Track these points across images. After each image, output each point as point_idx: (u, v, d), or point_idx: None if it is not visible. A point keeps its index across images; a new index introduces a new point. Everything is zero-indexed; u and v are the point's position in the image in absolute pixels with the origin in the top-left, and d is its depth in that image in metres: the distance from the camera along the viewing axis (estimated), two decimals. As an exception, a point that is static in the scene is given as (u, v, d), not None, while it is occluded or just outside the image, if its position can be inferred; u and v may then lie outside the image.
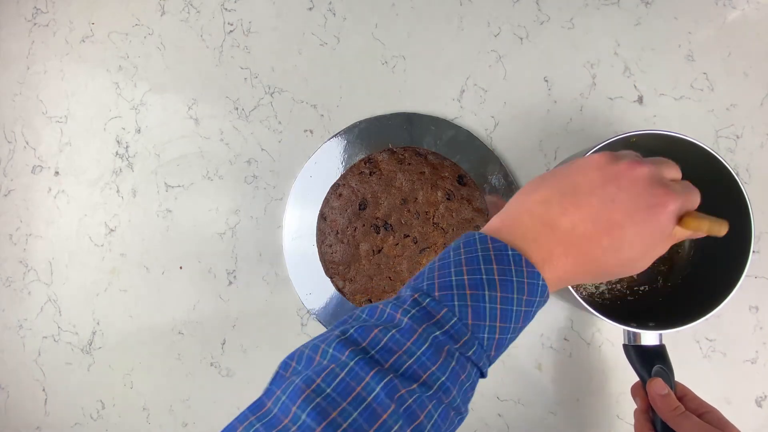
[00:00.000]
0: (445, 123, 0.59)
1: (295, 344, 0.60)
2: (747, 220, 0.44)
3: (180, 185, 0.62)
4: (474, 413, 0.57)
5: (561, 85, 0.59)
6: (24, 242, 0.64)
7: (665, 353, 0.46)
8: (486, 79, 0.60)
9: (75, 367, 0.62)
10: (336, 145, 0.60)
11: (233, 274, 0.61)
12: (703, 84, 0.58)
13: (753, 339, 0.55)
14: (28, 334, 0.63)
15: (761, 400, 0.55)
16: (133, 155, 0.63)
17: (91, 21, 0.65)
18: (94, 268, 0.62)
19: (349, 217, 0.58)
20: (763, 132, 0.57)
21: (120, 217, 0.63)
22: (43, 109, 0.65)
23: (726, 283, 0.44)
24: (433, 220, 0.57)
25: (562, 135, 0.58)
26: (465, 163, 0.58)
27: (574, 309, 0.57)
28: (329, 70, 0.61)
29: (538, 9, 0.60)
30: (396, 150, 0.59)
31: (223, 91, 0.62)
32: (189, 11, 0.63)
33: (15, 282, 0.64)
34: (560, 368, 0.56)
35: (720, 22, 0.58)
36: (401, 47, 0.61)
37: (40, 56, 0.65)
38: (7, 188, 0.65)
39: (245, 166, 0.61)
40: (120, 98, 0.64)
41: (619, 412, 0.55)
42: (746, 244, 0.44)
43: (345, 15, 0.62)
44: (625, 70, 0.58)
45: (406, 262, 0.57)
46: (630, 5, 0.59)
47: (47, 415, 0.62)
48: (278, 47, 0.62)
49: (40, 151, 0.64)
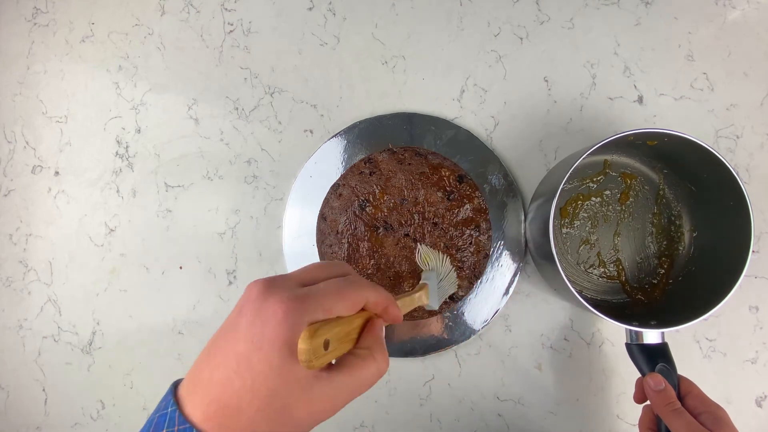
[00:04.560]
0: (445, 123, 0.59)
1: (295, 344, 0.59)
2: (747, 220, 0.45)
3: (180, 185, 0.62)
4: (474, 413, 0.57)
5: (561, 85, 0.59)
6: (24, 242, 0.64)
7: (668, 351, 0.46)
8: (486, 79, 0.60)
9: (75, 367, 0.62)
10: (336, 145, 0.60)
11: (233, 274, 0.61)
12: (703, 84, 0.58)
13: (753, 339, 0.55)
14: (28, 334, 0.63)
15: (761, 400, 0.55)
16: (133, 155, 0.63)
17: (91, 21, 0.65)
18: (94, 268, 0.62)
19: (349, 217, 0.58)
20: (763, 132, 0.57)
21: (120, 217, 0.63)
22: (43, 109, 0.65)
23: (726, 280, 0.44)
24: (433, 220, 0.57)
25: (562, 135, 0.58)
26: (465, 163, 0.58)
27: (574, 309, 0.57)
28: (329, 70, 0.61)
29: (538, 9, 0.60)
30: (396, 150, 0.59)
31: (223, 91, 0.62)
32: (189, 11, 0.63)
33: (15, 282, 0.64)
34: (560, 368, 0.56)
35: (720, 22, 0.58)
36: (401, 47, 0.61)
37: (40, 56, 0.65)
38: (7, 188, 0.65)
39: (245, 166, 0.61)
40: (120, 98, 0.64)
41: (619, 412, 0.55)
42: (746, 244, 0.44)
43: (345, 15, 0.62)
44: (625, 70, 0.58)
45: (406, 262, 0.57)
46: (630, 5, 0.59)
47: (47, 415, 0.62)
48: (278, 47, 0.62)
49: (40, 151, 0.64)
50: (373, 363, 0.30)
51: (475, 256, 0.57)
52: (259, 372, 0.26)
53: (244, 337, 0.27)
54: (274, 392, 0.26)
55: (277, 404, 0.27)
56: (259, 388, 0.26)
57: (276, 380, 0.26)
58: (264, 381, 0.26)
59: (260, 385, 0.26)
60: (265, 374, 0.26)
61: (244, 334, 0.27)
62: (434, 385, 0.57)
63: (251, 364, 0.26)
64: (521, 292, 0.57)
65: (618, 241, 0.55)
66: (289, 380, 0.27)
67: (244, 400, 0.26)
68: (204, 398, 0.27)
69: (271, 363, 0.26)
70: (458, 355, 0.57)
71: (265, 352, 0.26)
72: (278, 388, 0.27)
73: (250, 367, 0.26)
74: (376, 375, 0.30)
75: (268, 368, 0.26)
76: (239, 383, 0.26)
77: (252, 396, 0.26)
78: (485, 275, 0.56)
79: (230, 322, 0.28)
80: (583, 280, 0.55)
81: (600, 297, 0.55)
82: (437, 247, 0.57)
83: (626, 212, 0.55)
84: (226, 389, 0.27)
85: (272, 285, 0.28)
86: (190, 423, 0.26)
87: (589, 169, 0.56)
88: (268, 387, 0.26)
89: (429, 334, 0.56)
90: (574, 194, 0.56)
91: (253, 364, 0.26)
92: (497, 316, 0.56)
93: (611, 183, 0.55)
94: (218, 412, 0.27)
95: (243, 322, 0.27)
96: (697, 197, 0.52)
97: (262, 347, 0.26)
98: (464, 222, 0.57)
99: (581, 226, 0.56)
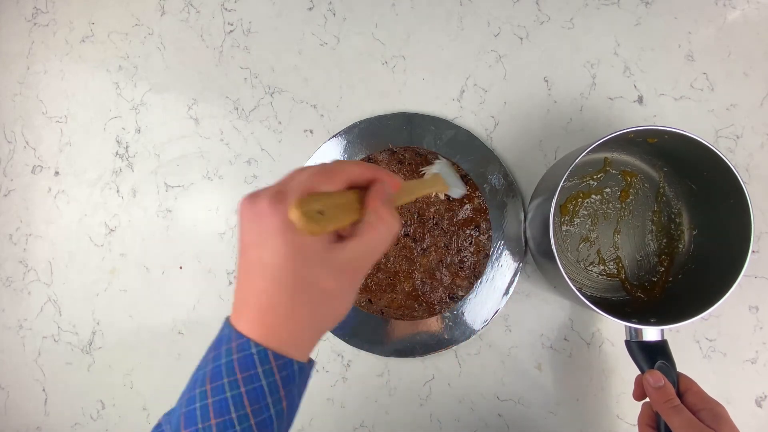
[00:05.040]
0: (445, 123, 0.59)
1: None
2: (747, 219, 0.45)
3: (180, 185, 0.62)
4: (474, 413, 0.57)
5: (561, 85, 0.59)
6: (24, 242, 0.64)
7: (667, 348, 0.46)
8: (486, 79, 0.60)
9: (75, 367, 0.62)
10: (336, 145, 0.60)
11: (233, 274, 0.61)
12: (703, 84, 0.58)
13: (753, 339, 0.55)
14: (28, 334, 0.63)
15: (761, 400, 0.55)
16: (133, 155, 0.63)
17: (91, 21, 0.65)
18: (94, 268, 0.62)
19: (349, 217, 0.58)
20: (763, 132, 0.57)
21: (120, 217, 0.63)
22: (43, 109, 0.65)
23: (726, 278, 0.44)
24: (433, 220, 0.57)
25: (562, 135, 0.58)
26: (465, 163, 0.58)
27: (574, 309, 0.57)
28: (329, 70, 0.61)
29: (538, 9, 0.60)
30: (396, 150, 0.59)
31: (223, 91, 0.62)
32: (189, 11, 0.63)
33: (15, 282, 0.64)
34: (560, 368, 0.56)
35: (720, 22, 0.58)
36: (401, 47, 0.61)
37: (40, 56, 0.65)
38: (7, 188, 0.65)
39: (245, 166, 0.61)
40: (120, 98, 0.64)
41: (619, 412, 0.55)
42: (746, 243, 0.44)
43: (345, 15, 0.62)
44: (625, 70, 0.58)
45: (406, 262, 0.57)
46: (630, 5, 0.59)
47: (47, 415, 0.62)
48: (278, 47, 0.62)
49: (40, 151, 0.64)
50: (381, 223, 0.30)
51: (475, 256, 0.57)
52: (272, 264, 0.28)
53: (249, 245, 0.29)
54: (294, 274, 0.28)
55: (302, 284, 0.28)
56: (279, 278, 0.28)
57: (291, 262, 0.28)
58: (281, 269, 0.28)
59: (279, 275, 0.28)
60: (278, 263, 0.28)
61: (247, 242, 0.29)
62: (434, 385, 0.57)
63: (263, 262, 0.28)
64: (521, 291, 0.57)
65: (618, 238, 0.55)
66: (304, 257, 0.28)
67: (273, 295, 0.28)
68: (246, 313, 0.29)
69: (279, 251, 0.28)
70: (458, 355, 0.57)
71: (269, 245, 0.28)
72: (296, 268, 0.28)
73: (263, 266, 0.28)
74: (386, 234, 0.31)
75: (278, 257, 0.28)
76: (262, 284, 0.28)
77: (277, 288, 0.28)
78: (485, 275, 0.56)
79: (239, 244, 0.30)
80: (583, 278, 0.55)
81: (600, 295, 0.55)
82: (437, 246, 0.57)
83: (626, 210, 0.55)
84: (257, 294, 0.29)
85: (255, 194, 0.29)
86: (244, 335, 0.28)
87: (590, 166, 0.56)
88: (287, 272, 0.28)
89: (429, 334, 0.56)
90: (574, 192, 0.56)
91: (265, 260, 0.28)
92: (497, 316, 0.56)
93: (611, 181, 0.55)
94: (259, 319, 0.29)
95: (242, 234, 0.29)
96: (697, 195, 0.52)
97: (265, 243, 0.28)
98: (464, 222, 0.57)
99: (581, 223, 0.56)
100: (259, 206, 0.28)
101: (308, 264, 0.28)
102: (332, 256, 0.29)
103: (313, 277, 0.28)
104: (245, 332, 0.29)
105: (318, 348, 0.58)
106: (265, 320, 0.29)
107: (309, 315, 0.29)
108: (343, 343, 0.58)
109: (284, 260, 0.28)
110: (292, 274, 0.28)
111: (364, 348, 0.57)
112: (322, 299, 0.29)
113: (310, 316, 0.29)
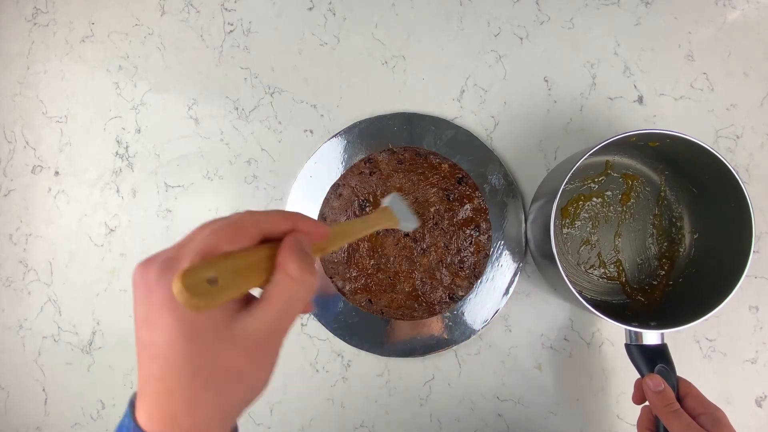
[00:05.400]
0: (445, 123, 0.59)
1: (295, 344, 0.60)
2: (747, 220, 0.45)
3: (180, 185, 0.62)
4: (474, 413, 0.57)
5: (561, 85, 0.59)
6: (24, 242, 0.64)
7: (667, 352, 0.46)
8: (486, 79, 0.60)
9: (75, 367, 0.62)
10: (336, 145, 0.60)
11: (233, 274, 0.61)
12: (703, 84, 0.58)
13: (753, 339, 0.55)
14: (28, 334, 0.63)
15: (761, 400, 0.55)
16: (133, 155, 0.63)
17: (91, 21, 0.65)
18: (94, 268, 0.62)
19: (349, 217, 0.58)
20: (763, 132, 0.57)
21: (120, 217, 0.63)
22: (43, 109, 0.65)
23: (726, 282, 0.44)
24: (433, 220, 0.57)
25: (562, 135, 0.58)
26: (465, 163, 0.58)
27: (574, 309, 0.57)
28: (329, 70, 0.61)
29: (538, 9, 0.60)
30: (396, 150, 0.59)
31: (223, 91, 0.62)
32: (189, 11, 0.63)
33: (15, 282, 0.64)
34: (560, 368, 0.56)
35: (720, 22, 0.58)
36: (401, 47, 0.61)
37: (40, 56, 0.65)
38: (7, 188, 0.65)
39: (245, 166, 0.61)
40: (120, 98, 0.64)
41: (619, 412, 0.55)
42: (746, 244, 0.44)
43: (345, 15, 0.62)
44: (625, 70, 0.58)
45: (406, 262, 0.57)
46: (630, 5, 0.59)
47: (47, 415, 0.62)
48: (278, 47, 0.62)
49: (40, 151, 0.64)
50: (290, 284, 0.26)
51: (475, 256, 0.57)
52: (163, 344, 0.24)
53: (139, 323, 0.25)
54: (188, 355, 0.24)
55: (200, 366, 0.24)
56: (172, 360, 0.24)
57: (182, 342, 0.24)
58: (172, 350, 0.24)
59: (172, 357, 0.24)
60: (168, 343, 0.24)
61: (138, 319, 0.26)
62: (434, 385, 0.57)
63: (155, 343, 0.25)
64: (521, 292, 0.57)
65: (619, 242, 0.55)
66: (197, 335, 0.24)
67: (168, 380, 0.25)
68: (144, 401, 0.26)
69: (168, 330, 0.24)
70: (458, 355, 0.57)
71: (158, 323, 0.24)
72: (191, 348, 0.24)
73: (155, 346, 0.25)
74: (300, 294, 0.26)
75: (167, 336, 0.24)
76: (155, 368, 0.25)
77: (171, 372, 0.24)
78: (485, 275, 0.56)
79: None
80: (584, 281, 0.55)
81: (600, 297, 0.55)
82: (437, 247, 0.57)
83: (627, 213, 0.55)
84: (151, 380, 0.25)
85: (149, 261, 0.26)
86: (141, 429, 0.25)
87: (591, 169, 0.56)
88: (179, 353, 0.24)
89: (429, 334, 0.56)
90: (575, 194, 0.56)
91: (156, 340, 0.24)
92: (497, 316, 0.56)
93: (613, 184, 0.55)
94: (157, 408, 0.25)
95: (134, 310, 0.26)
96: (698, 199, 0.52)
97: (155, 321, 0.24)
98: (464, 222, 0.57)
99: (582, 226, 0.56)
100: (148, 277, 0.25)
101: (204, 342, 0.24)
102: (235, 329, 0.25)
103: (211, 356, 0.25)
104: (143, 424, 0.25)
105: (318, 348, 0.58)
106: (162, 409, 0.25)
107: (213, 399, 0.25)
108: (343, 343, 0.58)
109: (175, 340, 0.24)
110: (187, 355, 0.24)
111: (364, 348, 0.57)
112: (227, 379, 0.25)
113: (214, 400, 0.25)
